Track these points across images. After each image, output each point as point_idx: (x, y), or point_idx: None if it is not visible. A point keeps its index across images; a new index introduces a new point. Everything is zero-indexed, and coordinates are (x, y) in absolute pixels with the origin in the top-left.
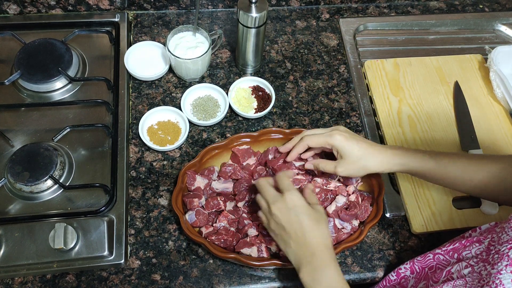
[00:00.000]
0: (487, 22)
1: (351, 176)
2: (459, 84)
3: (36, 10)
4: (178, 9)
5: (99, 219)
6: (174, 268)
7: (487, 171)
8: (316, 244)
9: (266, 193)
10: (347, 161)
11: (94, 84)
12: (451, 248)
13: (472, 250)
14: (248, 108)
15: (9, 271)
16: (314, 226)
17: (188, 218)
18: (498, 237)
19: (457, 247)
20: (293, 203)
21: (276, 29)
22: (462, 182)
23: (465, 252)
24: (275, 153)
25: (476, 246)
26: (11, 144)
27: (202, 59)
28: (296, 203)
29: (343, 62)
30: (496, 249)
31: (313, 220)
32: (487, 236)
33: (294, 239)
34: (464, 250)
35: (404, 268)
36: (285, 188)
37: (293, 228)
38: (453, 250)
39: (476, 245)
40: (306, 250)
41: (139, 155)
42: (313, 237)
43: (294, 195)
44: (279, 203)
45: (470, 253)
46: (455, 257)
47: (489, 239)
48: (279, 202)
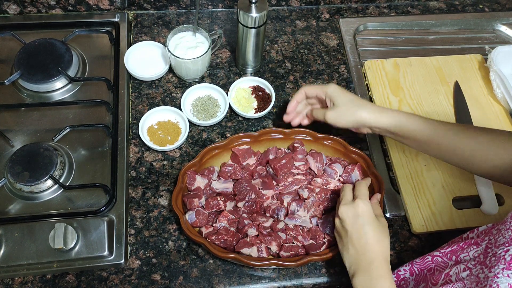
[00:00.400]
0: (487, 22)
1: (339, 123)
2: (459, 84)
3: (36, 10)
4: (178, 9)
5: (99, 219)
6: (174, 268)
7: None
8: (376, 255)
9: (345, 195)
10: (339, 108)
11: (94, 84)
12: (449, 250)
13: (470, 253)
14: (248, 108)
15: (9, 271)
16: (377, 237)
17: (188, 218)
18: (495, 240)
19: (455, 249)
20: (361, 210)
21: (276, 29)
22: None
23: (463, 255)
24: (276, 153)
25: (474, 249)
26: (11, 144)
27: (202, 59)
28: (365, 212)
29: (343, 62)
30: (493, 251)
31: (378, 231)
32: (484, 239)
33: (355, 245)
34: (462, 253)
35: (403, 270)
36: (359, 195)
37: (357, 235)
38: (451, 253)
39: (473, 247)
40: (365, 258)
41: (139, 155)
42: (374, 247)
43: (364, 204)
44: (348, 207)
45: (468, 256)
46: (453, 260)
47: (487, 242)
48: (349, 205)
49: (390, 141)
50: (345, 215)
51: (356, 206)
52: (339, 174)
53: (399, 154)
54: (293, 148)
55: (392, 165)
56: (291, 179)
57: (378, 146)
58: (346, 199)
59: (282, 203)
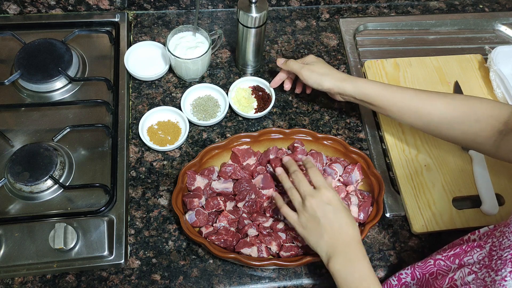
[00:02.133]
0: (487, 22)
1: (308, 82)
2: (459, 84)
3: (36, 10)
4: (178, 9)
5: (99, 219)
6: (174, 268)
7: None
8: (350, 237)
9: (304, 187)
10: (314, 67)
11: (94, 84)
12: (452, 253)
13: (474, 256)
14: (248, 108)
15: (9, 271)
16: (349, 222)
17: (188, 218)
18: (499, 242)
19: (458, 253)
20: (328, 199)
21: (276, 29)
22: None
23: (467, 258)
24: (277, 153)
25: (478, 252)
26: (11, 144)
27: (202, 59)
28: (332, 199)
29: (343, 62)
30: (498, 254)
31: (348, 217)
32: (487, 241)
33: (329, 231)
34: (466, 256)
35: (405, 273)
36: (321, 184)
37: (329, 222)
38: (454, 256)
39: (477, 250)
40: (341, 242)
41: (139, 155)
42: (348, 231)
43: (330, 192)
44: (317, 198)
45: (472, 259)
46: (456, 263)
47: (490, 244)
48: (317, 196)
49: (390, 141)
50: (315, 205)
51: (321, 195)
52: (339, 174)
53: (399, 154)
54: (293, 148)
55: (392, 165)
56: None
57: (378, 146)
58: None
59: None
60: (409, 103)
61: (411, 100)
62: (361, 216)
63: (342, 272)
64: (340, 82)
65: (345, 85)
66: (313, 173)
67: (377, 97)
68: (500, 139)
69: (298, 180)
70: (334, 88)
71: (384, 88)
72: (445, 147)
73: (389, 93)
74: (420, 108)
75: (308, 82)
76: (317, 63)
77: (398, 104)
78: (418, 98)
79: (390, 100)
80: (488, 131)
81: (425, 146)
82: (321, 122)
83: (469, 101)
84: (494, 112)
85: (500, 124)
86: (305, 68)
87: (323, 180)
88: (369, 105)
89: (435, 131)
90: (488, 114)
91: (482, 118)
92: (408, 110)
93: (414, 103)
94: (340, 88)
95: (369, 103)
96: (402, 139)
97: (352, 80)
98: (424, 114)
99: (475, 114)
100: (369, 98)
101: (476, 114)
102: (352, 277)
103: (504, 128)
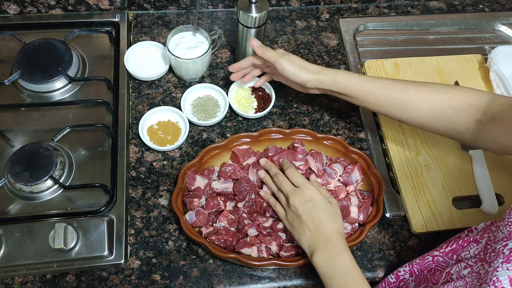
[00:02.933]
0: (487, 22)
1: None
2: (459, 84)
3: (36, 10)
4: (178, 9)
5: (99, 219)
6: (174, 268)
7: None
8: (330, 232)
9: (286, 187)
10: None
11: (94, 84)
12: (449, 249)
13: (471, 251)
14: (248, 108)
15: (9, 271)
16: (329, 216)
17: (188, 218)
18: (494, 236)
19: (455, 248)
20: (310, 196)
21: (276, 29)
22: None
23: (464, 253)
24: (276, 151)
25: (474, 246)
26: (11, 144)
27: (202, 59)
28: (313, 196)
29: (343, 62)
30: (492, 247)
31: (328, 211)
32: (483, 236)
33: (310, 227)
34: (463, 251)
35: (403, 271)
36: (301, 182)
37: (310, 218)
38: (451, 251)
39: (473, 245)
40: (321, 237)
41: (139, 155)
42: (328, 226)
43: (310, 189)
44: (298, 196)
45: (468, 254)
46: (454, 258)
47: (486, 239)
48: (298, 194)
49: (390, 141)
50: (297, 203)
51: (303, 193)
52: (339, 174)
53: (399, 154)
54: (293, 148)
55: (392, 165)
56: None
57: (378, 146)
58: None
59: None
60: (386, 93)
61: (387, 90)
62: (361, 216)
63: (324, 266)
64: (318, 74)
65: (322, 77)
66: (291, 173)
67: (353, 88)
68: (479, 128)
69: (280, 182)
70: (311, 81)
71: (360, 78)
72: (445, 147)
73: (365, 83)
74: (398, 99)
75: (285, 73)
76: (292, 54)
77: (376, 95)
78: (395, 87)
79: (366, 91)
80: (466, 120)
81: (425, 146)
82: (321, 122)
83: (448, 90)
84: (472, 101)
85: (478, 113)
86: (284, 57)
87: (302, 178)
88: (346, 97)
89: (415, 122)
90: (467, 103)
91: (460, 107)
92: (386, 101)
93: (392, 93)
94: (317, 80)
95: (346, 95)
96: (402, 139)
97: (328, 72)
98: (402, 104)
99: (454, 104)
100: (346, 90)
101: (455, 104)
102: (334, 271)
103: (483, 117)
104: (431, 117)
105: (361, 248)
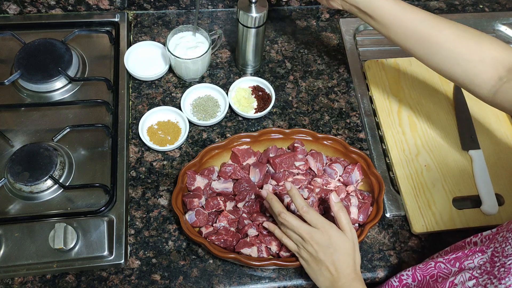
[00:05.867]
0: (487, 22)
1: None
2: None
3: (36, 10)
4: (178, 9)
5: (99, 219)
6: (174, 268)
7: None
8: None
9: (301, 229)
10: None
11: (94, 84)
12: (453, 257)
13: (475, 260)
14: (248, 108)
15: (9, 271)
16: (348, 258)
17: (188, 218)
18: (502, 248)
19: (459, 256)
20: (330, 240)
21: (276, 29)
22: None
23: (467, 262)
24: (276, 152)
25: (479, 256)
26: (11, 144)
27: (202, 59)
28: (333, 240)
29: (343, 62)
30: (501, 261)
31: (347, 253)
32: (489, 246)
33: (330, 269)
34: (467, 260)
35: (406, 275)
36: (319, 223)
37: (330, 260)
38: (455, 259)
39: (478, 255)
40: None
41: (139, 155)
42: (347, 268)
43: (331, 231)
44: (316, 238)
45: (472, 263)
46: (457, 266)
47: (492, 249)
48: (317, 237)
49: (390, 141)
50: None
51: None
52: (339, 174)
53: (399, 154)
54: (293, 148)
55: (392, 165)
56: (291, 179)
57: (378, 146)
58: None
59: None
60: (419, 27)
61: (420, 24)
62: (361, 217)
63: None
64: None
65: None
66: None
67: (385, 11)
68: (499, 85)
69: (291, 226)
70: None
71: (395, 3)
72: (445, 147)
73: (400, 11)
74: (429, 35)
75: None
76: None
77: (407, 25)
78: (429, 22)
79: (398, 19)
80: (489, 75)
81: (425, 146)
82: (321, 122)
83: (480, 37)
84: (500, 56)
85: (503, 69)
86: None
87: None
88: (370, 19)
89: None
90: (494, 56)
91: (487, 58)
92: (415, 34)
93: (425, 28)
94: None
95: (372, 17)
96: (402, 139)
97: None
98: (432, 42)
99: (482, 53)
100: (376, 10)
101: (482, 53)
102: None
103: (506, 74)
104: (453, 61)
105: (361, 248)
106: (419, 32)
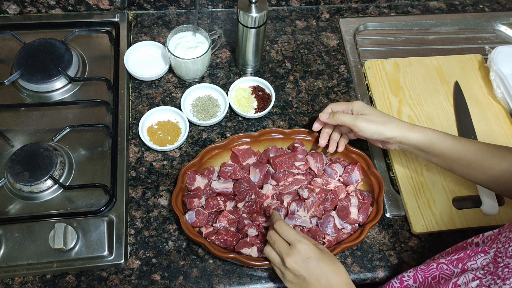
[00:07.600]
0: (487, 22)
1: (368, 131)
2: (459, 84)
3: (36, 10)
4: (178, 9)
5: (99, 219)
6: (174, 268)
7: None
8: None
9: (280, 247)
10: (369, 116)
11: (94, 84)
12: (455, 258)
13: (478, 261)
14: (248, 108)
15: (9, 271)
16: (332, 268)
17: (188, 218)
18: (505, 249)
19: (461, 257)
20: (306, 253)
21: (276, 29)
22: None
23: (470, 263)
24: (276, 152)
25: (482, 257)
26: (11, 144)
27: (202, 59)
28: (310, 253)
29: (343, 62)
30: (505, 262)
31: (329, 263)
32: (492, 246)
33: (316, 285)
34: (469, 260)
35: (407, 276)
36: (294, 239)
37: (315, 276)
38: (457, 260)
39: (481, 255)
40: None
41: (139, 155)
42: (336, 279)
43: (305, 245)
44: (294, 256)
45: (475, 264)
46: (459, 267)
47: (495, 249)
48: (294, 254)
49: None
50: (294, 264)
51: (299, 251)
52: (339, 174)
53: (399, 154)
54: (293, 148)
55: (392, 165)
56: (291, 179)
57: None
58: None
59: (282, 203)
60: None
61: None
62: (361, 217)
63: None
64: (407, 131)
65: (412, 134)
66: (280, 228)
67: (448, 151)
68: None
69: (272, 241)
70: (397, 137)
71: (456, 140)
72: None
73: (463, 147)
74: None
75: (365, 134)
76: (372, 111)
77: (470, 158)
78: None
79: (461, 154)
80: None
81: None
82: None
83: None
84: None
85: None
86: (361, 119)
87: (294, 233)
88: (429, 156)
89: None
90: None
91: None
92: (479, 166)
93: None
94: (405, 137)
95: (434, 154)
96: None
97: (418, 129)
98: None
99: None
100: (436, 150)
101: None
102: None
103: None
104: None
105: (361, 248)
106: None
